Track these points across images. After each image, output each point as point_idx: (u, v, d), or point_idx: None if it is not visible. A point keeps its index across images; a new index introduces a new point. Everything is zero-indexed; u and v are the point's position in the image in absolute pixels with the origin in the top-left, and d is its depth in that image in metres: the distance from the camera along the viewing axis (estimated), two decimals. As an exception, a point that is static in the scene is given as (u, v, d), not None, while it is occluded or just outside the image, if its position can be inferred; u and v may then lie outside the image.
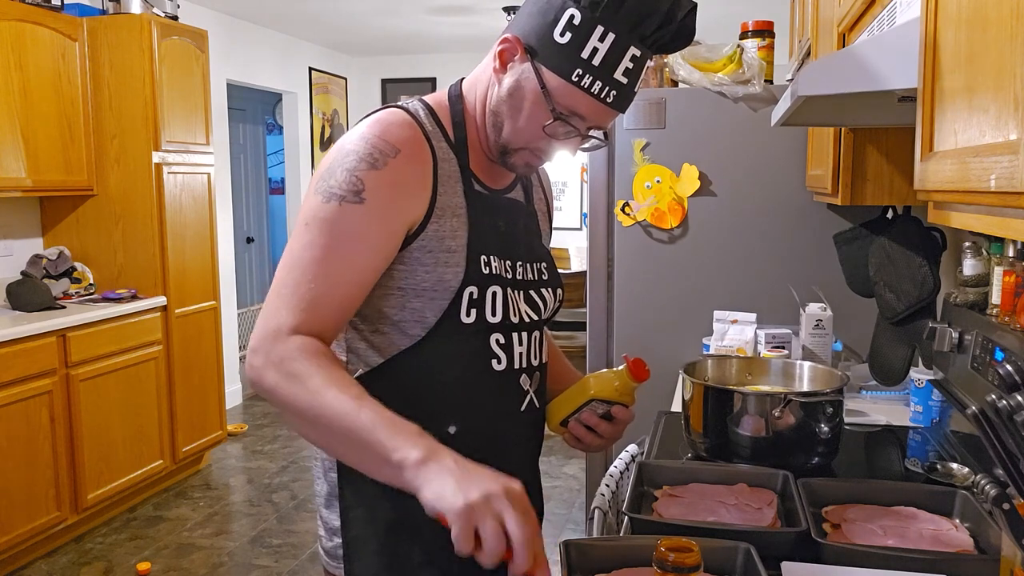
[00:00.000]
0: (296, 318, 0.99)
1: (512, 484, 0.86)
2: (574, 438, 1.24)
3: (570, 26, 1.00)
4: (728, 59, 2.46)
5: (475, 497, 0.82)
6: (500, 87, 1.07)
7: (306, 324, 0.99)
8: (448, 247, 1.08)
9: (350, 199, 1.01)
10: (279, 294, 1.01)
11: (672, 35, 1.03)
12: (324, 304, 1.01)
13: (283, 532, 3.53)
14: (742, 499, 1.31)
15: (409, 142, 1.06)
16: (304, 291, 1.00)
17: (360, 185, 1.02)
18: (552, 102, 1.03)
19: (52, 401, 3.24)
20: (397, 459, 0.88)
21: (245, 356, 1.01)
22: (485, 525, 0.81)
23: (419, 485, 0.86)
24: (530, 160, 1.11)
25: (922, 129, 0.95)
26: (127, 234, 3.88)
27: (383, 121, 1.06)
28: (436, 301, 1.08)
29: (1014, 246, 1.42)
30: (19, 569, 3.18)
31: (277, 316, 0.99)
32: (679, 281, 2.60)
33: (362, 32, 5.96)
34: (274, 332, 0.98)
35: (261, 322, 1.01)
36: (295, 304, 0.99)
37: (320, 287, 1.00)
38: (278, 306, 1.00)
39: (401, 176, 1.04)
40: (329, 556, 1.19)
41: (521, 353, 1.16)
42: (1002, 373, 1.00)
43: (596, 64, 1.01)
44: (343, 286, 1.02)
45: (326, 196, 1.02)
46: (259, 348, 0.98)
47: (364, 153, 1.03)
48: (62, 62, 3.66)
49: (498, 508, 0.82)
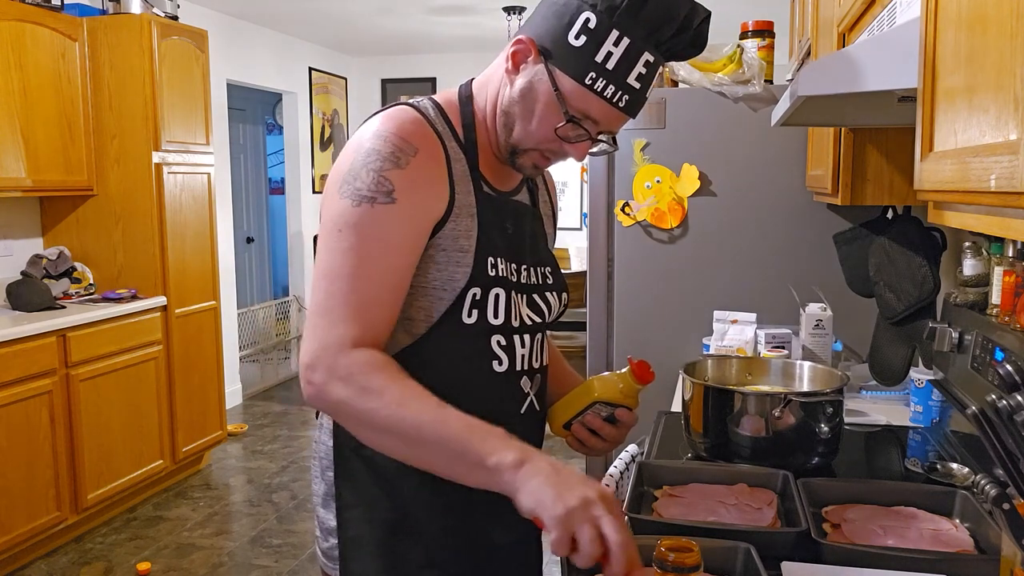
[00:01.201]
0: (353, 329, 0.98)
1: (605, 489, 0.88)
2: (577, 441, 1.23)
3: (585, 30, 1.00)
4: (728, 59, 2.46)
5: (574, 504, 0.84)
6: (512, 88, 1.07)
7: (364, 333, 0.99)
8: (461, 247, 1.07)
9: (382, 200, 1.00)
10: (328, 307, 0.99)
11: (687, 43, 1.04)
12: (375, 310, 1.00)
13: (283, 532, 3.53)
14: (742, 499, 1.31)
15: (424, 140, 1.05)
16: (354, 300, 0.99)
17: (389, 185, 1.01)
18: (565, 104, 1.03)
19: (52, 401, 3.24)
20: (493, 463, 0.90)
21: (299, 371, 0.99)
22: (583, 530, 0.84)
23: (517, 488, 0.88)
24: (539, 161, 1.11)
25: (922, 129, 0.95)
26: (127, 234, 3.88)
27: (397, 118, 1.05)
28: (443, 300, 1.08)
29: (1014, 246, 1.42)
30: (19, 569, 3.18)
31: (334, 329, 0.98)
32: (679, 281, 2.60)
33: (362, 32, 5.96)
34: (336, 346, 0.97)
35: (315, 336, 0.99)
36: (349, 315, 0.98)
37: (368, 293, 1.00)
38: (331, 319, 0.98)
39: (424, 174, 1.04)
40: (326, 557, 1.19)
41: (523, 355, 1.16)
42: (1002, 373, 1.00)
43: (610, 68, 1.01)
44: (389, 289, 1.01)
45: (355, 199, 1.01)
46: (318, 364, 0.97)
47: (387, 153, 1.02)
48: (62, 62, 3.66)
49: (596, 514, 0.85)
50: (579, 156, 1.09)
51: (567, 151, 1.08)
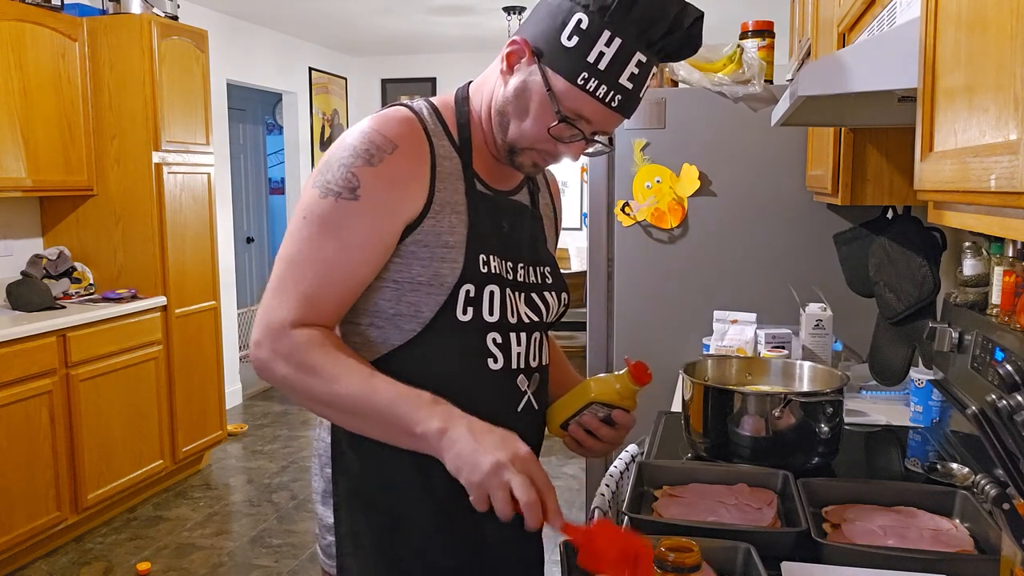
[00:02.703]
0: (298, 311, 1.03)
1: (519, 448, 0.94)
2: (574, 442, 1.24)
3: (577, 30, 1.01)
4: (728, 59, 2.46)
5: (486, 467, 0.92)
6: (506, 88, 1.08)
7: (308, 316, 1.03)
8: (445, 242, 1.08)
9: (345, 196, 1.04)
10: (279, 289, 1.05)
11: (678, 43, 1.05)
12: (322, 299, 1.05)
13: (283, 532, 3.53)
14: (742, 499, 1.31)
15: (407, 138, 1.07)
16: (303, 287, 1.04)
17: (355, 182, 1.04)
18: (557, 104, 1.04)
19: (52, 401, 3.24)
20: (420, 431, 0.97)
21: (248, 353, 1.04)
22: (496, 494, 0.92)
23: (442, 455, 0.96)
24: (537, 160, 1.12)
25: (922, 129, 0.95)
26: (127, 234, 3.88)
27: (383, 117, 1.08)
28: (433, 296, 1.08)
29: (1014, 246, 1.42)
30: (19, 569, 3.18)
31: (279, 311, 1.03)
32: (679, 281, 2.60)
33: (362, 32, 5.96)
34: (278, 326, 1.03)
35: (263, 315, 1.05)
36: (295, 300, 1.03)
37: (318, 283, 1.04)
38: (279, 301, 1.04)
39: (397, 172, 1.06)
40: (325, 554, 1.19)
41: (519, 354, 1.16)
42: (1002, 373, 1.00)
43: (602, 68, 1.02)
44: (340, 282, 1.05)
45: (323, 191, 1.05)
46: (263, 342, 1.03)
47: (361, 149, 1.05)
48: (62, 62, 3.66)
49: (505, 478, 0.91)
50: (574, 156, 1.10)
51: (561, 151, 1.09)
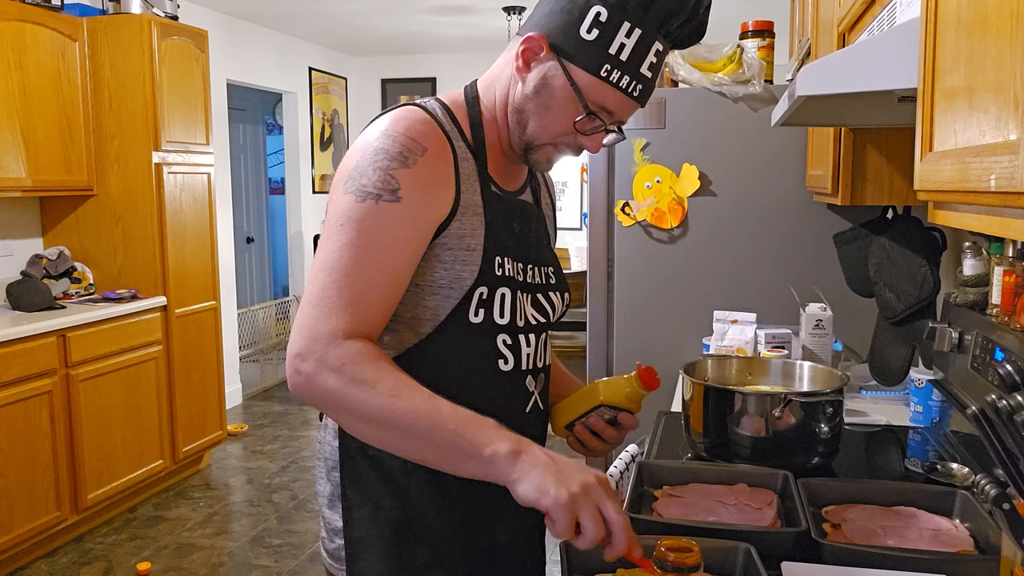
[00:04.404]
0: (347, 321, 0.97)
1: (601, 474, 0.91)
2: (577, 442, 1.24)
3: (597, 23, 1.02)
4: (728, 59, 2.46)
5: (576, 490, 0.88)
6: (525, 85, 1.08)
7: (357, 326, 0.98)
8: (468, 245, 1.08)
9: (387, 197, 1.01)
10: (321, 298, 0.98)
11: (692, 30, 1.06)
12: (370, 304, 1.00)
13: (283, 532, 3.53)
14: (742, 499, 1.31)
15: (432, 139, 1.06)
16: (349, 293, 0.98)
17: (395, 183, 1.01)
18: (583, 98, 1.04)
19: (52, 401, 3.24)
20: (489, 453, 0.91)
21: (287, 365, 0.98)
22: (585, 515, 0.88)
23: (515, 479, 0.90)
24: (552, 155, 1.12)
25: (922, 129, 0.95)
26: (127, 234, 3.88)
27: (406, 119, 1.06)
28: (450, 299, 1.08)
29: (1014, 246, 1.42)
30: (19, 569, 3.18)
31: (326, 321, 0.97)
32: (679, 281, 2.60)
33: (362, 32, 5.96)
34: (328, 336, 0.96)
35: (305, 326, 0.98)
36: (342, 307, 0.98)
37: (364, 287, 0.99)
38: (322, 310, 0.98)
39: (431, 174, 1.04)
40: (332, 558, 1.19)
41: (528, 355, 1.16)
42: (1002, 373, 1.00)
43: (624, 59, 1.03)
44: (385, 285, 1.01)
45: (359, 195, 1.01)
46: (309, 353, 0.96)
47: (394, 152, 1.02)
48: (62, 62, 3.66)
49: (596, 498, 0.88)
50: (595, 147, 1.11)
51: (583, 143, 1.10)
